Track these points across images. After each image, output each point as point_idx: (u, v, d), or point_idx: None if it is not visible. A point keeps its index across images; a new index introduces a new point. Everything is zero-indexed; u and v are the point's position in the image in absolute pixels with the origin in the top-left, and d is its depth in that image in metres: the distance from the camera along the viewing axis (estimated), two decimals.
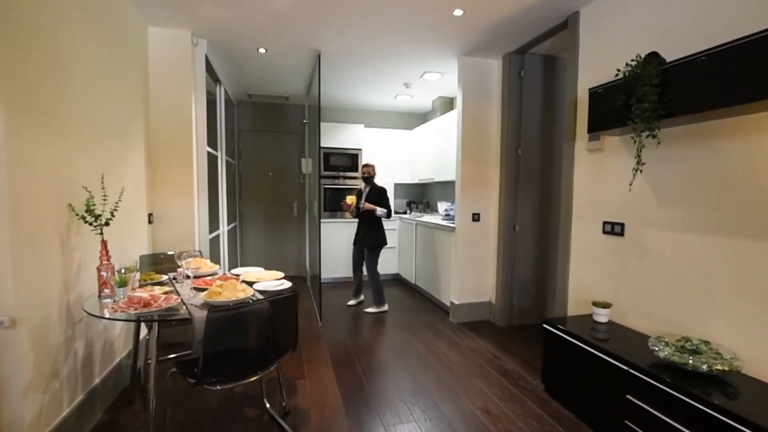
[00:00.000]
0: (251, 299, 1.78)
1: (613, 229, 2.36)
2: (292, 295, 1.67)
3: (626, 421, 1.80)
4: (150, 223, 2.84)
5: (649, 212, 2.13)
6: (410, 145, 5.65)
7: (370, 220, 3.99)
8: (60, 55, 1.72)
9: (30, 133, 1.53)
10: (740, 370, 1.59)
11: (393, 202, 5.46)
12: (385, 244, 4.06)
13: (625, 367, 1.81)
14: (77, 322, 1.88)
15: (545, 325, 2.36)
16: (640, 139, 1.92)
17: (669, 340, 1.83)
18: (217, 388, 1.58)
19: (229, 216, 4.45)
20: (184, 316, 1.60)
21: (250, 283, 2.08)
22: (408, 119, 5.97)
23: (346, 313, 3.96)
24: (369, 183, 4.04)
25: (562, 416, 2.13)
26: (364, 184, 4.07)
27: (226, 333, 1.57)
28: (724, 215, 1.76)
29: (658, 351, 1.76)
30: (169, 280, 2.21)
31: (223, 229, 4.09)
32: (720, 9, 1.78)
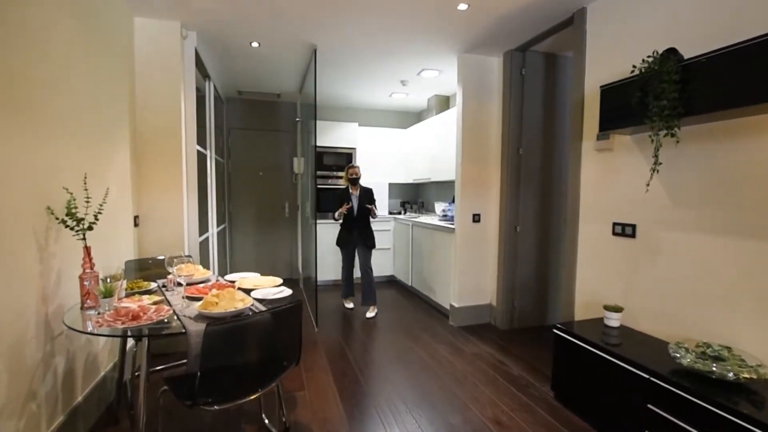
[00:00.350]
0: (251, 309, 1.65)
1: (624, 231, 2.30)
2: (294, 305, 1.55)
3: (646, 430, 1.72)
4: (136, 225, 2.67)
5: (662, 213, 2.07)
6: (405, 144, 5.54)
7: (366, 221, 3.97)
8: (34, 44, 1.56)
9: (1, 129, 1.37)
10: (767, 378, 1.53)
11: (387, 203, 5.37)
12: None
13: (646, 375, 1.74)
14: (57, 336, 1.71)
15: (556, 331, 2.28)
16: (657, 138, 1.85)
17: (688, 346, 1.77)
18: (215, 408, 1.44)
19: (218, 217, 4.27)
20: (177, 330, 1.46)
21: (247, 291, 1.94)
22: (402, 118, 5.87)
23: (341, 318, 3.84)
24: (356, 184, 4.01)
25: (575, 425, 2.05)
26: (351, 185, 4.01)
27: (224, 348, 1.44)
28: (745, 216, 1.71)
29: (681, 358, 1.69)
30: (159, 288, 2.05)
31: (213, 231, 3.92)
32: (740, 2, 1.72)
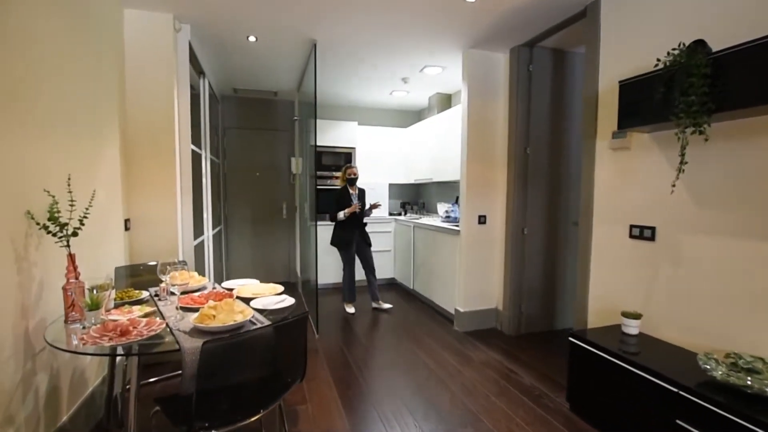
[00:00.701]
0: (251, 321, 1.52)
1: (642, 234, 2.19)
2: (299, 318, 1.42)
3: None
4: (127, 229, 2.52)
5: (685, 215, 1.96)
6: (405, 143, 5.42)
7: (363, 221, 4.01)
8: (16, 36, 1.42)
9: None
10: None
11: (388, 203, 5.25)
12: None
13: (674, 389, 1.63)
14: (38, 352, 1.57)
15: (572, 339, 2.17)
16: (684, 136, 1.74)
17: (717, 357, 1.66)
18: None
19: (214, 219, 4.12)
20: (170, 347, 1.32)
21: (247, 300, 1.81)
22: (402, 117, 5.75)
23: (342, 323, 3.71)
24: (354, 184, 4.02)
25: None
26: (349, 185, 3.98)
27: (222, 366, 1.30)
28: None
29: (712, 370, 1.58)
30: (151, 298, 1.91)
31: (208, 234, 3.77)
32: None
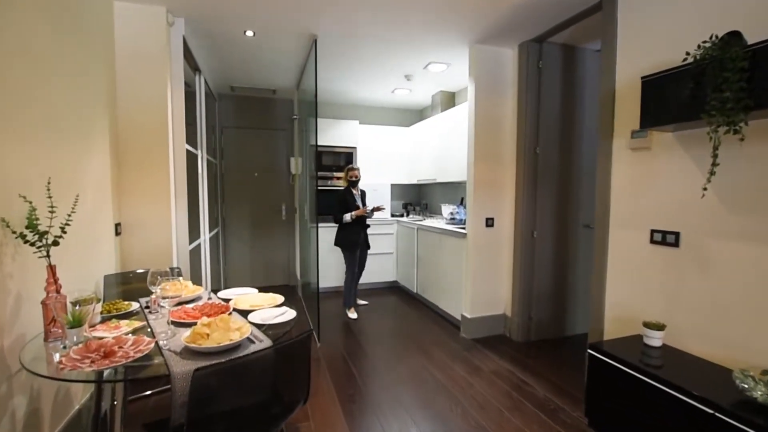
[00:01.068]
0: (249, 339, 1.38)
1: (665, 239, 2.06)
2: (303, 338, 1.28)
3: None
4: (118, 234, 2.38)
5: (714, 220, 1.84)
6: (409, 143, 5.28)
7: (366, 223, 3.94)
8: None
9: None
10: None
11: (390, 204, 5.12)
12: None
13: (709, 410, 1.50)
14: (15, 373, 1.43)
15: (591, 351, 2.04)
16: (716, 136, 1.62)
17: (754, 374, 1.54)
18: None
19: (211, 222, 3.99)
20: (159, 371, 1.19)
21: (244, 313, 1.68)
22: (404, 116, 5.61)
23: (344, 330, 3.57)
24: (356, 186, 3.95)
25: None
26: (352, 186, 3.91)
27: (217, 392, 1.17)
28: None
29: (751, 390, 1.46)
30: (141, 310, 1.78)
31: (205, 237, 3.63)
32: None
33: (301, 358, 1.37)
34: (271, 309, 1.72)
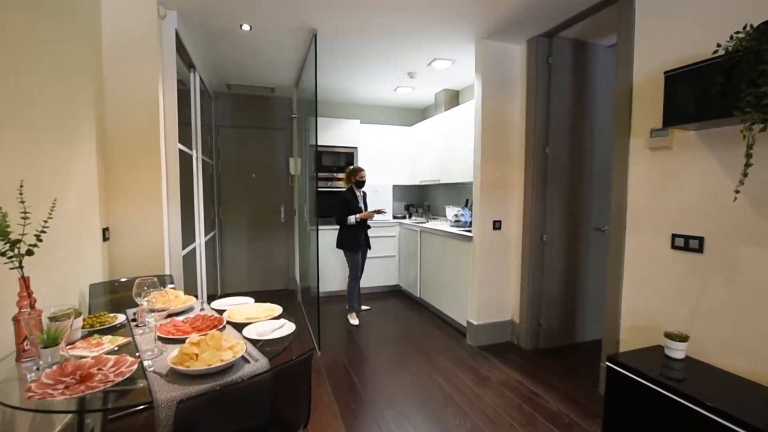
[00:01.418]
0: (244, 358, 1.25)
1: (687, 244, 1.94)
2: (305, 358, 1.15)
3: None
4: (105, 240, 2.25)
5: (743, 224, 1.71)
6: (411, 143, 5.15)
7: (366, 224, 3.85)
8: None
9: None
10: None
11: (392, 205, 4.99)
12: None
13: (741, 430, 1.38)
14: None
15: (609, 364, 1.91)
16: (750, 134, 1.49)
17: None
18: None
19: (207, 224, 3.85)
20: (142, 398, 1.06)
21: (239, 326, 1.55)
22: (406, 115, 5.48)
23: (346, 337, 3.44)
24: (361, 187, 3.86)
25: None
26: (356, 188, 3.81)
27: (206, 421, 1.04)
28: None
29: None
30: (127, 323, 1.64)
31: (200, 241, 3.50)
32: None
33: (302, 379, 1.24)
34: (269, 322, 1.59)
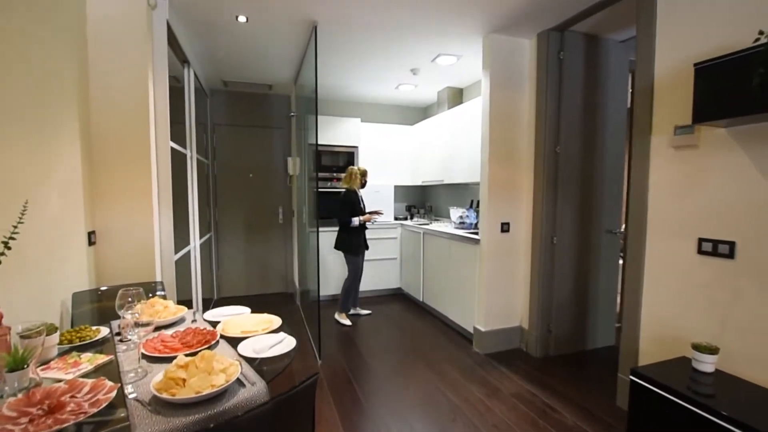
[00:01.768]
0: (239, 381, 1.11)
1: (716, 249, 1.81)
2: (308, 385, 1.01)
3: None
4: (91, 244, 2.10)
5: None
6: (413, 142, 5.01)
7: (365, 225, 3.79)
8: None
9: None
10: None
11: (393, 206, 4.86)
12: None
13: None
14: None
15: (633, 378, 1.78)
16: None
17: None
18: None
19: (202, 226, 3.70)
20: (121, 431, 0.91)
21: (234, 341, 1.40)
22: (407, 113, 5.34)
23: (347, 343, 3.30)
24: (363, 188, 3.83)
25: None
26: (360, 188, 3.77)
27: None
28: None
29: None
30: (111, 337, 1.50)
31: (195, 243, 3.35)
32: None
33: (305, 409, 1.09)
34: (266, 336, 1.45)
